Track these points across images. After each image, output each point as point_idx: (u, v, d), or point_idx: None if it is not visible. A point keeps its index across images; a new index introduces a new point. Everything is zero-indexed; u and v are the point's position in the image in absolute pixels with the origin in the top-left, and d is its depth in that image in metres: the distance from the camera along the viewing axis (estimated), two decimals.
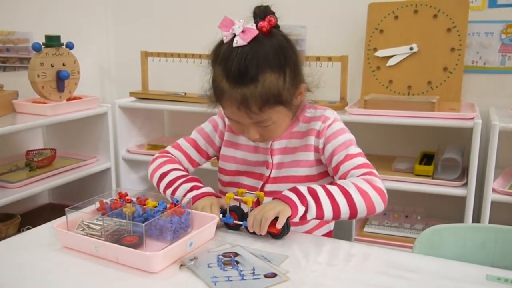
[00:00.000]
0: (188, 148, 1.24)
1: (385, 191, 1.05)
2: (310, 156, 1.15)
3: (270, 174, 1.17)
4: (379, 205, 1.03)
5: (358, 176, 1.06)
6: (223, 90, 1.02)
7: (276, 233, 0.99)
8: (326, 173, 1.17)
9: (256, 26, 1.00)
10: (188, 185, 1.15)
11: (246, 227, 1.02)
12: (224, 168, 1.22)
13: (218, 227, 1.04)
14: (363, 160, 1.10)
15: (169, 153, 1.25)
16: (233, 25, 1.00)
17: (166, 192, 1.17)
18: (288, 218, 0.98)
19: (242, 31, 0.99)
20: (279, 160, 1.16)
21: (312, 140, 1.14)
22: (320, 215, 1.01)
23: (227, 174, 1.22)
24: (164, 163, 1.21)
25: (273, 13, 1.03)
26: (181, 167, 1.21)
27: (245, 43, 0.98)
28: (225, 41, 1.01)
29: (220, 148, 1.25)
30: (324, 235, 1.22)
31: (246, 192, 1.07)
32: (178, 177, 1.17)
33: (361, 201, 1.01)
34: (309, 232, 1.18)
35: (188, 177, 1.18)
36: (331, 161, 1.11)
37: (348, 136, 1.15)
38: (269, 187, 1.17)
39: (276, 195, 1.04)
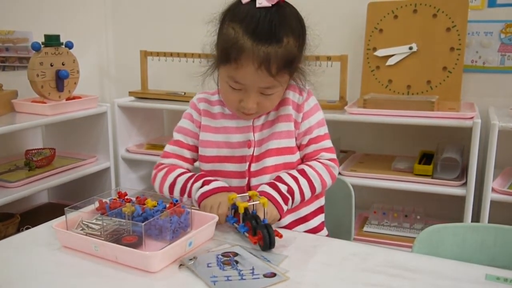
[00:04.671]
0: (177, 150, 1.22)
1: (336, 176, 1.21)
2: (291, 126, 1.16)
3: (253, 153, 1.15)
4: (328, 186, 1.19)
5: (326, 159, 1.18)
6: (243, 47, 1.00)
7: (262, 244, 0.96)
8: (302, 146, 1.19)
9: None
10: (199, 183, 1.13)
11: (243, 232, 1.00)
12: (205, 154, 1.19)
13: (218, 227, 1.04)
14: (330, 143, 1.20)
15: (163, 164, 1.22)
16: None
17: (183, 199, 1.16)
18: (274, 232, 0.96)
19: None
20: (259, 136, 1.16)
21: (290, 110, 1.16)
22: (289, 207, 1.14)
23: (207, 161, 1.18)
24: (166, 175, 1.18)
25: None
26: (183, 170, 1.20)
27: (269, 5, 1.01)
28: (244, 1, 1.03)
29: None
30: (315, 210, 1.22)
31: (256, 195, 1.04)
32: (186, 180, 1.15)
33: (319, 190, 1.17)
34: (296, 208, 1.17)
35: (195, 175, 1.16)
36: (303, 137, 1.17)
37: (321, 114, 1.20)
38: (254, 167, 1.15)
39: (265, 195, 1.07)
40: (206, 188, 1.11)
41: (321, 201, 1.24)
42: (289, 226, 1.16)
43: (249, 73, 1.02)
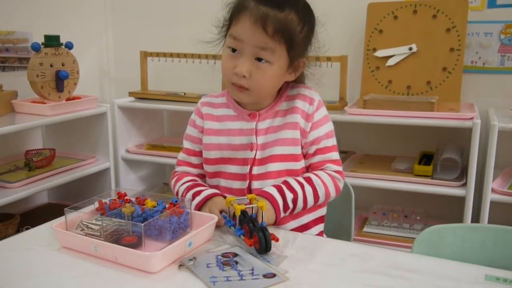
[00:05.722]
0: (187, 158, 1.26)
1: (341, 189, 1.19)
2: (296, 134, 1.15)
3: (255, 156, 1.15)
4: (332, 198, 1.19)
5: (332, 170, 1.17)
6: (245, 7, 1.05)
7: (257, 247, 0.96)
8: (308, 155, 1.19)
9: None
10: (190, 194, 1.16)
11: (239, 235, 1.00)
12: (209, 157, 1.20)
13: (217, 227, 1.04)
14: (337, 155, 1.19)
15: (176, 172, 1.27)
16: None
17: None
18: (270, 235, 0.96)
19: None
20: (263, 140, 1.16)
21: (298, 119, 1.15)
22: (290, 214, 1.14)
23: (211, 163, 1.20)
24: (175, 184, 1.23)
25: None
26: (187, 179, 1.22)
27: None
28: None
29: None
30: (316, 219, 1.21)
31: (255, 199, 1.04)
32: (183, 191, 1.19)
33: (322, 200, 1.16)
34: (299, 215, 1.17)
35: (188, 188, 1.18)
36: (310, 147, 1.17)
37: (330, 125, 1.20)
38: (256, 170, 1.16)
39: (265, 195, 1.08)
40: (200, 196, 1.13)
41: (323, 211, 1.24)
42: None
43: (246, 27, 1.04)
